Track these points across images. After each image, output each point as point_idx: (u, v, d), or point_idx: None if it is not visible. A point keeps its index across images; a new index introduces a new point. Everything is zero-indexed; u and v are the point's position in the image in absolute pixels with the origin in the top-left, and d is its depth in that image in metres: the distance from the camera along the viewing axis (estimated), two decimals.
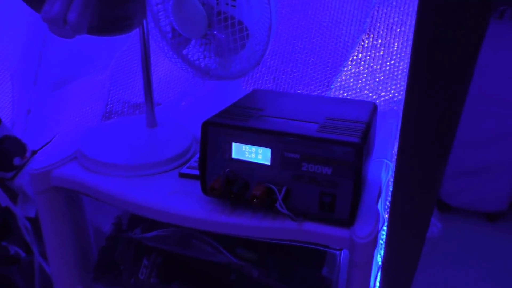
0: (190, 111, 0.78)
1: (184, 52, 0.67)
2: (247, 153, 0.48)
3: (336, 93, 1.18)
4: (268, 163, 0.47)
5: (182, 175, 0.59)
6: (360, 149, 0.43)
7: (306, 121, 0.49)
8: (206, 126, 0.49)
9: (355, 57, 1.22)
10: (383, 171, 0.59)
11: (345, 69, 1.22)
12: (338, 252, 0.52)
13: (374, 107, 0.56)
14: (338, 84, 1.21)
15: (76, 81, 1.41)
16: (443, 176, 0.40)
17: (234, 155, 0.49)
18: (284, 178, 0.47)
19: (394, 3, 1.21)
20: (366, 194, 0.52)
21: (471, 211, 1.83)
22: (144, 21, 0.60)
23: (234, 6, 0.59)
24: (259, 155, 0.47)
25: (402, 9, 1.22)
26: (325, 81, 1.24)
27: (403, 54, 1.20)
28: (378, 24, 1.21)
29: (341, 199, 0.45)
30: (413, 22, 1.21)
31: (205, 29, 0.60)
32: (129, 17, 0.48)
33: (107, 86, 1.35)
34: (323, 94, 1.19)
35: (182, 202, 0.53)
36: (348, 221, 0.46)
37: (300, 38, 1.24)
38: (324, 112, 0.52)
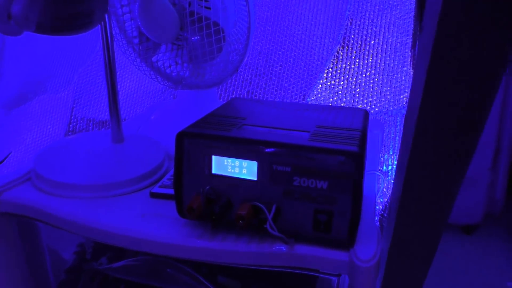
0: (160, 125, 0.72)
1: (154, 59, 0.61)
2: (229, 167, 0.42)
3: None
4: (254, 178, 0.41)
5: (154, 195, 0.52)
6: (360, 159, 0.38)
7: (295, 130, 0.44)
8: (182, 137, 0.42)
9: (330, 69, 1.19)
10: (375, 185, 0.55)
11: (321, 81, 1.19)
12: (335, 278, 0.46)
13: (366, 114, 0.51)
14: (314, 97, 1.17)
15: (36, 98, 1.32)
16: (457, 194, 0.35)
17: (214, 170, 0.42)
18: (273, 195, 0.41)
19: (367, 14, 1.20)
20: (364, 210, 0.46)
21: (447, 224, 1.82)
22: (108, 26, 0.53)
23: (208, 8, 0.53)
24: (244, 169, 0.41)
25: (375, 21, 1.20)
26: (301, 94, 1.20)
27: (378, 65, 1.18)
28: (353, 36, 1.19)
29: (338, 217, 0.40)
30: (387, 34, 1.18)
31: (176, 32, 0.54)
32: (87, 14, 0.42)
33: (70, 103, 1.27)
34: None
35: (154, 226, 0.46)
36: (347, 242, 0.40)
37: (274, 50, 1.20)
38: (314, 120, 0.47)
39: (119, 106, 0.59)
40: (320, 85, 1.18)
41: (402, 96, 1.16)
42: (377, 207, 0.64)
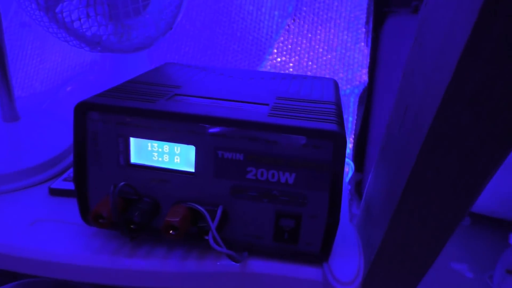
0: (77, 98, 0.57)
1: (58, 9, 0.46)
2: (155, 154, 0.29)
3: None
4: (192, 169, 0.29)
5: (54, 192, 0.38)
6: (341, 142, 0.27)
7: (248, 102, 0.32)
8: (83, 110, 0.29)
9: (280, 44, 1.08)
10: (346, 177, 0.44)
11: (270, 57, 1.08)
12: None
13: (336, 85, 0.40)
14: None
15: None
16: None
17: (133, 158, 0.29)
18: (219, 193, 0.29)
19: None
20: None
21: None
22: None
23: None
24: (176, 157, 0.29)
25: None
26: None
27: (330, 42, 1.09)
28: (304, 8, 1.09)
29: (310, 221, 0.29)
30: (340, 7, 1.08)
31: None
32: None
33: None
34: None
35: (52, 238, 0.32)
36: (321, 256, 0.29)
37: (218, 22, 1.07)
38: (273, 91, 0.35)
39: (8, 68, 0.43)
40: (270, 61, 1.07)
41: (356, 75, 1.08)
42: None
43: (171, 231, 0.27)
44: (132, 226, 0.28)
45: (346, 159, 0.46)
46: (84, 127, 0.29)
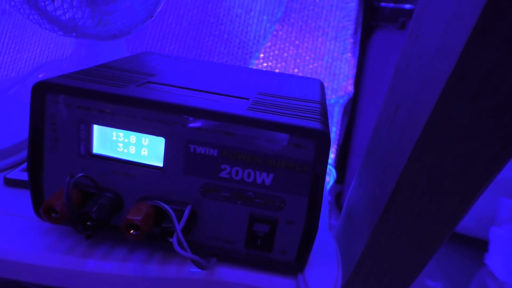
0: None
1: None
2: (120, 145, 0.26)
3: None
4: (160, 164, 0.26)
5: (10, 183, 0.34)
6: (325, 141, 0.24)
7: (227, 95, 0.29)
8: (41, 91, 0.26)
9: (267, 49, 1.07)
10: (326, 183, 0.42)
11: (256, 61, 1.06)
12: None
13: (322, 86, 0.38)
14: None
15: None
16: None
17: (96, 148, 0.27)
18: (189, 192, 0.26)
19: None
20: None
21: None
22: None
23: None
24: (144, 149, 0.26)
25: (317, 1, 1.10)
26: None
27: (318, 50, 1.08)
28: (293, 15, 1.08)
29: (286, 227, 0.26)
30: (329, 17, 1.08)
31: None
32: None
33: None
34: None
35: (4, 233, 0.29)
36: (296, 266, 0.27)
37: (206, 22, 1.05)
38: (255, 86, 0.33)
39: None
40: (256, 66, 1.06)
41: (341, 85, 1.08)
42: None
43: (132, 231, 0.25)
44: (88, 223, 0.25)
45: (328, 166, 0.44)
46: (42, 110, 0.26)
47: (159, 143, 0.26)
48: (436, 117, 0.15)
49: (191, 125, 0.25)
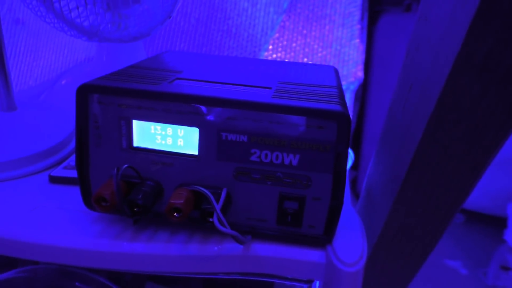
0: (73, 90, 0.56)
1: (56, 1, 0.45)
2: (158, 137, 0.29)
3: None
4: (195, 152, 0.29)
5: (54, 180, 0.37)
6: (346, 122, 0.27)
7: (251, 86, 0.31)
8: (85, 92, 0.28)
9: (276, 40, 1.09)
10: None
11: (265, 54, 1.08)
12: (305, 286, 0.35)
13: (337, 72, 0.40)
14: None
15: None
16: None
17: (136, 142, 0.29)
18: (223, 176, 0.29)
19: None
20: None
21: None
22: None
23: None
24: (180, 139, 0.29)
25: None
26: None
27: (326, 38, 1.09)
28: (299, 5, 1.09)
29: (313, 204, 0.29)
30: (335, 3, 1.09)
31: None
32: None
33: None
34: None
35: (53, 224, 0.32)
36: (324, 238, 0.29)
37: (214, 18, 1.07)
38: (275, 75, 0.35)
39: (6, 57, 0.43)
40: (265, 58, 1.07)
41: (351, 71, 1.09)
42: None
43: (175, 214, 0.27)
44: (135, 209, 0.28)
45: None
46: (86, 110, 0.29)
47: (194, 133, 0.28)
48: (447, 91, 0.18)
49: (221, 115, 0.27)
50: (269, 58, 1.07)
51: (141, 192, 0.28)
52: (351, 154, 0.48)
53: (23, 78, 0.98)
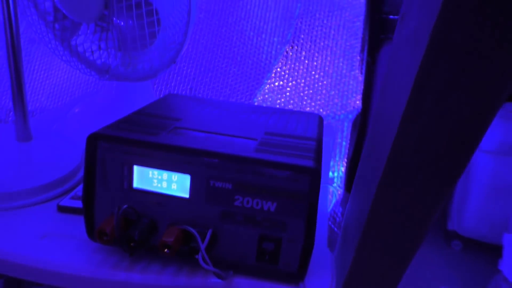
0: (82, 120, 0.61)
1: (73, 41, 0.50)
2: (155, 181, 0.33)
3: None
4: (187, 195, 0.33)
5: (62, 209, 0.42)
6: (316, 176, 0.31)
7: (239, 137, 0.36)
8: (94, 140, 0.33)
9: (278, 69, 1.14)
10: (327, 201, 0.48)
11: (268, 81, 1.12)
12: None
13: (321, 120, 0.44)
14: (261, 97, 1.11)
15: None
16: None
17: (136, 184, 0.33)
18: (210, 217, 0.33)
19: (317, 15, 1.15)
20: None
21: None
22: None
23: None
24: (174, 184, 0.33)
25: (325, 21, 1.16)
26: (247, 93, 1.13)
27: (327, 68, 1.14)
28: (302, 36, 1.14)
29: (288, 245, 0.33)
30: (337, 36, 1.14)
31: (100, 11, 0.45)
32: None
33: None
34: None
35: (59, 251, 0.36)
36: (298, 275, 0.33)
37: (220, 46, 1.12)
38: (262, 125, 0.40)
39: (26, 94, 0.48)
40: (268, 85, 1.12)
41: (350, 101, 1.13)
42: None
43: (166, 250, 0.31)
44: (132, 244, 0.32)
45: (332, 186, 0.50)
46: (94, 155, 0.33)
47: (186, 179, 0.33)
48: (400, 137, 0.21)
49: (210, 165, 0.32)
50: (272, 85, 1.12)
51: (138, 229, 0.32)
52: (335, 192, 0.52)
53: (35, 95, 1.03)
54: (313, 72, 1.12)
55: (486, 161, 1.59)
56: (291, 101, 1.12)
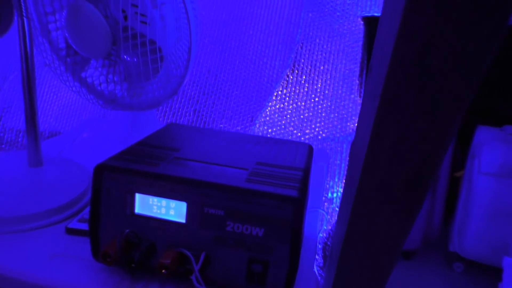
0: (92, 145, 0.65)
1: (83, 74, 0.55)
2: (155, 207, 0.37)
3: (261, 128, 1.11)
4: (183, 221, 0.36)
5: (70, 231, 0.45)
6: (299, 205, 0.34)
7: (232, 167, 0.39)
8: (101, 171, 0.37)
9: (279, 92, 1.18)
10: (318, 224, 0.51)
11: (270, 104, 1.16)
12: None
13: (310, 150, 0.48)
14: (263, 119, 1.15)
15: None
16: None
17: (137, 209, 0.37)
18: (204, 241, 0.36)
19: (317, 40, 1.20)
20: (303, 255, 0.43)
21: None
22: (27, 28, 0.47)
23: (145, 22, 0.48)
24: (171, 210, 0.36)
25: (325, 47, 1.21)
26: (249, 115, 1.17)
27: (326, 91, 1.18)
28: (303, 60, 1.19)
29: (275, 267, 0.36)
30: (336, 61, 1.18)
31: (108, 48, 0.49)
32: None
33: None
34: (247, 129, 1.12)
35: (67, 271, 0.39)
36: None
37: (223, 69, 1.17)
38: (254, 155, 0.43)
39: (38, 125, 0.52)
40: (269, 108, 1.16)
41: (349, 124, 1.16)
42: (320, 235, 0.61)
43: (163, 271, 0.35)
44: (133, 265, 0.36)
45: (320, 210, 0.53)
46: (100, 184, 0.37)
47: (182, 206, 0.36)
48: (367, 167, 0.24)
49: (204, 194, 0.35)
50: (273, 108, 1.16)
51: (138, 252, 0.36)
52: (326, 216, 0.55)
53: (45, 116, 1.08)
54: (313, 95, 1.16)
55: (486, 183, 1.61)
56: (292, 123, 1.15)
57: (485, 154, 1.70)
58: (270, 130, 1.15)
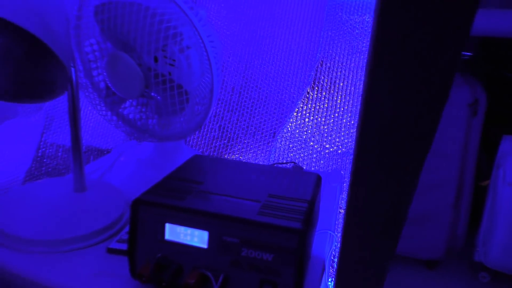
0: (126, 169, 0.73)
1: (120, 110, 0.63)
2: (182, 235, 0.44)
3: (282, 143, 1.17)
4: (205, 246, 0.43)
5: (111, 251, 0.53)
6: (302, 236, 0.40)
7: (247, 199, 0.46)
8: (137, 205, 0.44)
9: (300, 108, 1.23)
10: (327, 244, 0.57)
11: (291, 120, 1.22)
12: None
13: (318, 179, 0.54)
14: (284, 135, 1.21)
15: (5, 122, 1.31)
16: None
17: (167, 236, 0.44)
18: (222, 264, 0.43)
19: (337, 58, 1.25)
20: (309, 272, 0.49)
21: (410, 258, 1.87)
22: (74, 72, 0.55)
23: (172, 65, 0.56)
24: (195, 237, 0.43)
25: (345, 64, 1.26)
26: (271, 131, 1.24)
27: (346, 107, 1.22)
28: (323, 77, 1.24)
29: (283, 287, 0.42)
30: (355, 77, 1.23)
31: (141, 90, 0.56)
32: (49, 82, 0.43)
33: (40, 129, 1.26)
34: (269, 144, 1.18)
35: (109, 287, 0.47)
36: None
37: (247, 87, 1.23)
38: (267, 188, 0.50)
39: (83, 155, 0.60)
40: (290, 124, 1.22)
41: None
42: (333, 253, 0.67)
43: None
44: (163, 283, 0.43)
45: (329, 232, 0.59)
46: (137, 215, 0.44)
47: (204, 234, 0.43)
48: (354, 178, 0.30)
49: (223, 225, 0.42)
50: (293, 124, 1.22)
51: (168, 272, 0.43)
52: (335, 237, 0.60)
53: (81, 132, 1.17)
54: (332, 111, 1.21)
55: (511, 193, 1.61)
56: (312, 138, 1.21)
57: (510, 164, 1.70)
58: (291, 145, 1.22)
